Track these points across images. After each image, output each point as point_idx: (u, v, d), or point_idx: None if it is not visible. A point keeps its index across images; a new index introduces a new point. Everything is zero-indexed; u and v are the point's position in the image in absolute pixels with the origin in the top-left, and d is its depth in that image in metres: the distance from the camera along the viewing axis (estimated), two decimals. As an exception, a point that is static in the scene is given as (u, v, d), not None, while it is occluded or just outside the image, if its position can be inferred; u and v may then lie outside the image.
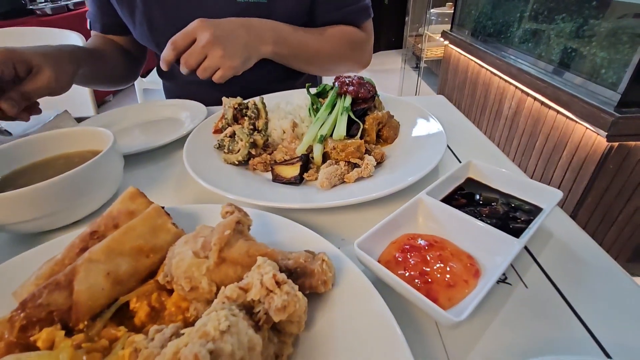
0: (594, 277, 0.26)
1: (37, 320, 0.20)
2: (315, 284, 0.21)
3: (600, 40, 1.20)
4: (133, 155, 0.43)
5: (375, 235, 0.27)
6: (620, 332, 0.22)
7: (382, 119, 0.43)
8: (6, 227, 0.31)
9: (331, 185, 0.35)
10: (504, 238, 0.26)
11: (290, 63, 0.63)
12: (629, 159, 1.10)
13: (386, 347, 0.19)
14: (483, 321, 0.23)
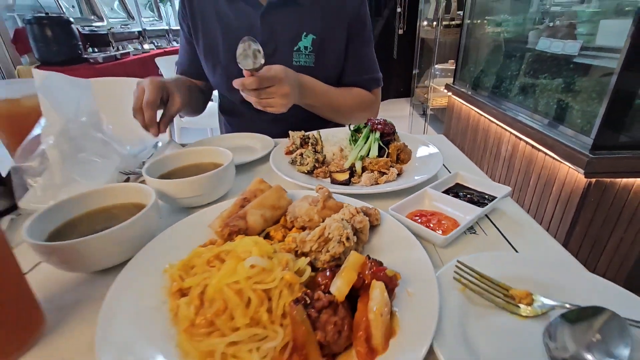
0: (522, 230, 0.46)
1: (232, 232, 0.40)
2: (372, 219, 0.41)
3: (575, 96, 1.45)
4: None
5: (400, 207, 0.48)
6: (529, 246, 0.41)
7: (400, 147, 0.65)
8: (176, 201, 0.52)
9: (370, 184, 0.56)
10: (473, 207, 0.46)
11: (317, 112, 0.88)
12: (607, 194, 1.28)
13: (410, 250, 0.38)
14: (459, 245, 0.43)
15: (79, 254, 0.38)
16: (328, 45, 0.86)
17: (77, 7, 3.70)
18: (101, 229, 0.43)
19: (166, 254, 0.40)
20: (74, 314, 0.36)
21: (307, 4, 0.84)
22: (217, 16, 0.86)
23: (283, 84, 0.66)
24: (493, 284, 0.34)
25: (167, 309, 0.33)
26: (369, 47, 0.93)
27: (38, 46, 2.70)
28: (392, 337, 0.28)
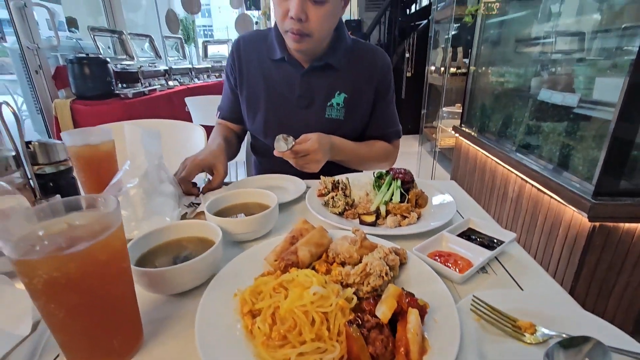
0: (526, 271, 0.54)
1: (287, 265, 0.50)
2: (401, 257, 0.50)
3: (576, 143, 1.55)
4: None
5: (422, 248, 0.56)
6: (532, 285, 0.49)
7: (418, 194, 0.75)
8: (231, 236, 0.62)
9: (394, 226, 0.65)
10: (484, 250, 0.55)
11: (344, 164, 1.02)
12: (610, 238, 1.35)
13: (433, 284, 0.47)
14: (473, 283, 0.51)
15: (163, 279, 0.48)
16: (357, 103, 0.99)
17: (112, 48, 4.04)
18: (175, 258, 0.53)
19: (233, 282, 0.49)
20: (162, 328, 0.44)
21: (343, 68, 0.98)
22: (262, 73, 1.01)
23: (317, 152, 0.82)
24: (503, 316, 0.42)
25: (241, 326, 0.42)
26: (392, 105, 1.08)
27: (76, 82, 2.95)
28: (425, 354, 0.36)
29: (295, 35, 0.85)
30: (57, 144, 0.60)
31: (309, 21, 0.82)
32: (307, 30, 0.84)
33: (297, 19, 0.81)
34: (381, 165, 1.07)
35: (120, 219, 0.37)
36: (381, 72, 1.02)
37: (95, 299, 0.34)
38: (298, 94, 1.00)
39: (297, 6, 0.79)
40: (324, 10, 0.82)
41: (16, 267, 0.31)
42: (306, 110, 1.01)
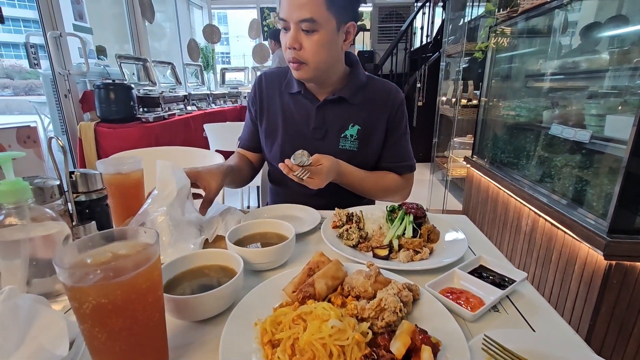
0: (537, 310, 0.55)
1: (304, 297, 0.52)
2: (414, 294, 0.52)
3: (589, 179, 1.56)
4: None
5: (434, 284, 0.58)
6: (543, 325, 0.50)
7: (430, 229, 0.77)
8: (249, 265, 0.65)
9: (406, 261, 0.67)
10: (495, 290, 0.57)
11: (353, 191, 1.06)
12: (628, 277, 1.32)
13: (445, 322, 0.49)
14: (485, 321, 0.52)
15: (188, 306, 0.51)
16: (370, 135, 1.04)
17: (136, 74, 4.27)
18: (199, 285, 0.56)
19: (253, 311, 0.51)
20: (186, 354, 0.47)
21: (356, 102, 1.04)
22: (281, 106, 1.08)
23: (321, 177, 0.89)
24: (514, 356, 0.44)
25: (261, 355, 0.44)
26: (404, 138, 1.12)
27: (101, 106, 3.11)
28: (437, 391, 0.38)
29: (293, 63, 0.94)
30: (96, 174, 0.66)
31: (304, 50, 0.91)
32: (302, 58, 0.92)
33: (291, 47, 0.91)
34: (392, 197, 1.10)
35: (159, 251, 0.41)
36: (393, 108, 1.07)
37: (135, 324, 0.37)
38: (313, 126, 1.06)
39: (291, 37, 0.90)
40: (316, 39, 0.90)
41: (69, 292, 0.35)
42: (321, 142, 1.06)
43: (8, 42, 15.96)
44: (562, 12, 1.89)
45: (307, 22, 0.88)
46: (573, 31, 1.90)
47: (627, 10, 1.63)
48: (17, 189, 0.50)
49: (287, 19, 0.89)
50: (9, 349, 0.42)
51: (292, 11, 0.88)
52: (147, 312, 0.39)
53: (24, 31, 11.59)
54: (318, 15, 0.87)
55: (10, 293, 0.46)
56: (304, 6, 0.86)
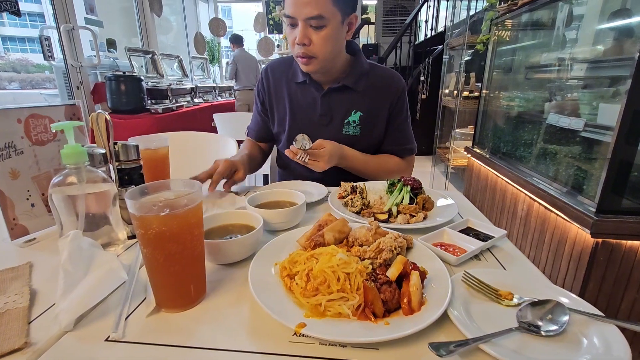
0: (512, 259, 0.65)
1: (316, 245, 0.62)
2: (408, 242, 0.62)
3: (581, 164, 1.64)
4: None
5: (426, 238, 0.68)
6: (515, 268, 0.60)
7: (425, 198, 0.87)
8: (268, 225, 0.75)
9: (403, 223, 0.77)
10: (478, 242, 0.66)
11: (356, 174, 1.14)
12: (614, 254, 1.41)
13: (434, 262, 0.58)
14: (467, 266, 0.62)
15: (219, 249, 0.61)
16: (372, 120, 1.13)
17: (144, 67, 4.37)
18: (226, 236, 0.66)
19: (272, 256, 0.62)
20: (218, 286, 0.57)
21: (359, 89, 1.12)
22: (288, 95, 1.16)
23: (324, 160, 0.98)
24: (487, 286, 0.53)
25: (281, 284, 0.54)
26: (405, 124, 1.20)
27: (112, 98, 3.21)
28: (423, 305, 0.48)
29: (303, 58, 1.00)
30: (134, 145, 0.76)
31: (313, 44, 0.97)
32: (311, 52, 0.98)
33: (301, 44, 0.96)
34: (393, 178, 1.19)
35: (201, 197, 0.51)
36: (395, 95, 1.15)
37: (185, 249, 0.48)
38: (319, 112, 1.14)
39: (301, 33, 0.95)
40: (324, 34, 0.96)
41: (137, 221, 0.45)
42: (326, 127, 1.15)
43: (14, 36, 16.01)
44: (560, 5, 1.96)
45: (316, 19, 0.92)
46: (570, 23, 1.96)
47: (619, 3, 1.70)
48: (77, 152, 0.60)
49: (295, 16, 0.93)
50: (79, 277, 0.53)
51: (300, 9, 0.92)
52: (194, 242, 0.49)
53: (29, 25, 11.66)
54: (325, 11, 0.92)
55: (76, 235, 0.57)
56: (311, 3, 0.91)
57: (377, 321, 0.46)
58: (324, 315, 0.47)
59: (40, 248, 0.71)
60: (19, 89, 9.40)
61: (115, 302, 0.52)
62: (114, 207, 0.68)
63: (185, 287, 0.50)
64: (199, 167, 1.54)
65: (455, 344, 0.40)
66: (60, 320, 0.46)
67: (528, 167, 2.04)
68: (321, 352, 0.43)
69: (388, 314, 0.47)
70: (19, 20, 12.09)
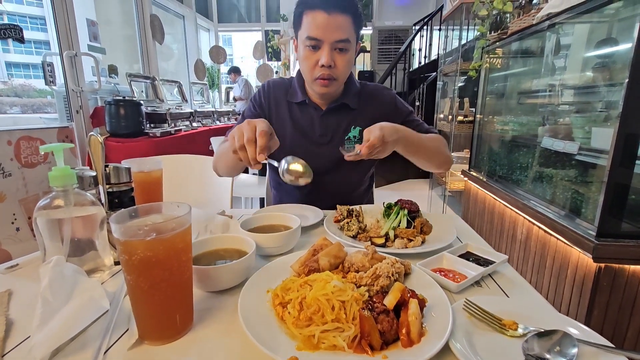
0: (515, 285, 0.62)
1: (310, 271, 0.60)
2: (406, 267, 0.60)
3: (578, 188, 1.64)
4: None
5: (425, 264, 0.66)
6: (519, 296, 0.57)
7: (423, 222, 0.85)
8: (261, 249, 0.73)
9: (401, 247, 0.75)
10: (478, 267, 0.64)
11: (412, 155, 0.99)
12: (618, 279, 1.38)
13: (433, 290, 0.56)
14: (468, 293, 0.59)
15: (208, 276, 0.58)
16: None
17: (145, 92, 4.44)
18: (216, 262, 0.64)
19: (265, 282, 0.59)
20: (207, 316, 0.54)
21: (355, 106, 1.14)
22: (289, 114, 1.17)
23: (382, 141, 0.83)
24: (490, 315, 0.51)
25: (274, 314, 0.51)
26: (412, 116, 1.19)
27: (111, 121, 3.23)
28: (423, 336, 0.45)
29: (324, 80, 1.01)
30: (125, 168, 0.74)
31: (336, 67, 0.99)
32: (335, 75, 1.01)
33: (327, 65, 0.97)
34: (443, 155, 1.08)
35: (190, 221, 0.49)
36: (389, 105, 1.18)
37: (172, 276, 0.45)
38: (319, 132, 1.15)
39: (328, 56, 0.96)
40: (347, 58, 1.00)
41: (121, 246, 0.43)
42: (327, 146, 1.15)
43: (19, 62, 16.40)
44: (548, 34, 2.03)
45: (343, 42, 0.96)
46: (559, 51, 2.02)
47: (602, 33, 1.76)
48: (65, 175, 0.59)
49: (322, 38, 0.95)
50: (58, 306, 0.50)
51: (330, 32, 0.94)
52: (182, 268, 0.47)
53: (34, 52, 12.01)
54: (350, 35, 0.97)
55: (58, 261, 0.55)
56: (342, 28, 0.94)
57: (375, 354, 0.43)
58: (318, 348, 0.44)
59: (22, 275, 0.68)
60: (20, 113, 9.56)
61: (96, 333, 0.49)
62: (101, 232, 0.65)
63: (170, 317, 0.47)
64: (193, 191, 1.53)
65: (459, 380, 0.37)
66: (34, 354, 0.43)
67: (525, 190, 2.04)
68: (314, 390, 0.40)
69: (386, 346, 0.44)
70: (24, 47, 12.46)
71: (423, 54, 5.77)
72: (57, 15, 3.13)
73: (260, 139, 0.73)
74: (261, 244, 0.72)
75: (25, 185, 0.71)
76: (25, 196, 0.71)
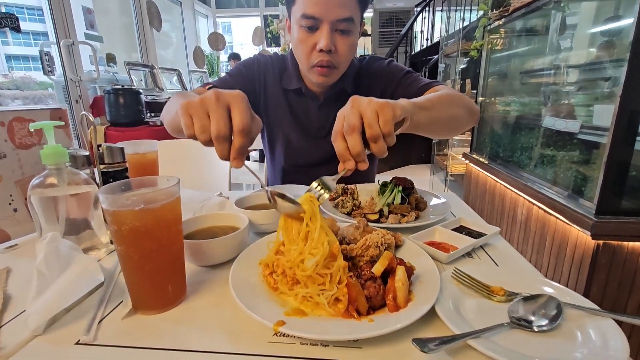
0: (506, 257, 0.62)
1: (301, 244, 0.60)
2: (397, 239, 0.60)
3: (579, 166, 1.63)
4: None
5: (417, 236, 0.66)
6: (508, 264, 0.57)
7: (418, 198, 0.85)
8: (254, 226, 0.73)
9: (395, 222, 0.75)
10: (469, 239, 0.64)
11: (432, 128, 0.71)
12: (617, 256, 1.38)
13: (423, 259, 0.56)
14: (459, 264, 0.60)
15: (201, 250, 0.59)
16: None
17: (144, 81, 4.42)
18: (210, 237, 0.64)
19: (256, 257, 0.60)
20: (200, 288, 0.55)
21: (353, 91, 1.00)
22: (286, 102, 1.06)
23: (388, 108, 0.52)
24: (478, 282, 0.51)
25: (264, 285, 0.52)
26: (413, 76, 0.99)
27: (111, 110, 3.23)
28: (410, 302, 0.46)
29: (323, 68, 0.86)
30: (119, 148, 0.75)
31: (337, 52, 0.84)
32: (335, 61, 0.86)
33: (327, 50, 0.82)
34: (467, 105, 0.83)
35: (179, 192, 0.49)
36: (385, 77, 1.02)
37: (161, 248, 0.46)
38: (316, 125, 1.05)
39: (328, 38, 0.80)
40: (350, 41, 0.85)
41: (111, 217, 0.43)
42: (324, 139, 1.06)
43: (18, 55, 16.36)
44: (551, 11, 1.98)
45: (346, 22, 0.81)
46: (562, 28, 1.98)
47: (606, 9, 1.71)
48: (57, 152, 0.59)
49: (321, 17, 0.80)
50: (53, 278, 0.51)
51: (331, 9, 0.79)
52: (171, 240, 0.47)
53: (33, 44, 11.93)
54: (354, 14, 0.82)
55: (53, 238, 0.56)
56: (344, 4, 0.79)
57: (361, 319, 0.43)
58: (306, 315, 0.45)
59: (20, 254, 0.69)
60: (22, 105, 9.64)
61: (92, 305, 0.50)
62: (96, 211, 0.66)
63: (162, 287, 0.48)
64: (190, 176, 1.54)
65: (442, 340, 0.38)
66: (29, 323, 0.44)
67: (526, 171, 2.03)
68: (301, 352, 0.41)
69: (373, 311, 0.45)
70: (23, 39, 12.36)
71: (425, 36, 5.67)
72: (52, 3, 3.10)
73: (238, 139, 0.47)
74: (255, 220, 0.72)
75: (21, 167, 0.72)
76: (21, 177, 0.71)
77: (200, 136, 0.47)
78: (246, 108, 0.47)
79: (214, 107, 0.46)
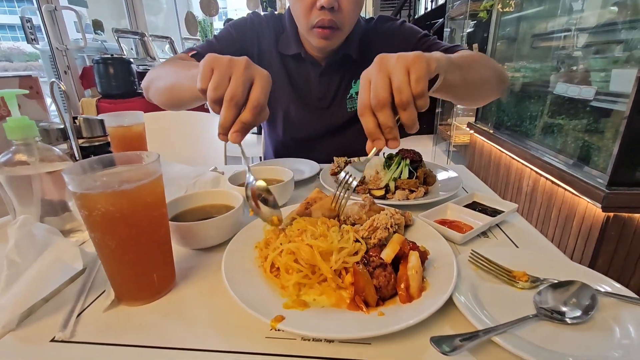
0: (525, 235, 0.57)
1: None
2: (406, 219, 0.55)
3: (591, 136, 1.55)
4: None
5: (427, 215, 0.61)
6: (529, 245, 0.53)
7: (426, 172, 0.79)
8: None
9: (402, 199, 0.70)
10: (485, 217, 0.59)
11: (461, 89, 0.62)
12: (626, 228, 1.34)
13: (436, 241, 0.51)
14: (474, 245, 0.55)
15: (192, 232, 0.54)
16: None
17: (134, 49, 4.22)
18: (202, 218, 0.59)
19: (251, 239, 0.54)
20: (191, 274, 0.50)
21: (360, 58, 0.91)
22: (283, 66, 0.95)
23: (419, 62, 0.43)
24: (499, 267, 0.46)
25: (260, 271, 0.47)
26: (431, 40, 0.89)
27: (101, 82, 3.09)
28: (424, 291, 0.41)
29: (325, 30, 0.77)
30: (98, 119, 0.67)
31: (341, 10, 0.76)
32: (338, 21, 0.77)
33: (329, 7, 0.73)
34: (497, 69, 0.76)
35: (160, 171, 0.43)
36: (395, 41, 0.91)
37: (142, 234, 0.40)
38: (317, 95, 0.96)
39: None
40: None
41: (79, 200, 0.37)
42: (327, 110, 0.98)
43: (4, 24, 15.71)
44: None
45: None
46: (581, -16, 1.82)
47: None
48: (23, 125, 0.52)
49: None
50: (26, 267, 0.46)
51: None
52: (154, 226, 0.42)
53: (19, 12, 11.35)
54: None
55: (25, 221, 0.50)
56: None
57: (370, 311, 0.38)
58: (307, 306, 0.40)
59: (-5, 238, 0.64)
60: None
61: (72, 295, 0.46)
62: (75, 189, 0.60)
63: (147, 276, 0.43)
64: (183, 149, 1.46)
65: (462, 337, 0.33)
66: (0, 318, 0.39)
67: (534, 141, 1.95)
68: (303, 350, 0.36)
69: (382, 303, 0.40)
70: (7, 7, 11.82)
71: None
72: (29, -37, 2.87)
73: (248, 114, 0.46)
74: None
75: (-9, 142, 0.65)
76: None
77: (212, 92, 0.45)
78: (268, 88, 0.48)
79: (240, 71, 0.45)
